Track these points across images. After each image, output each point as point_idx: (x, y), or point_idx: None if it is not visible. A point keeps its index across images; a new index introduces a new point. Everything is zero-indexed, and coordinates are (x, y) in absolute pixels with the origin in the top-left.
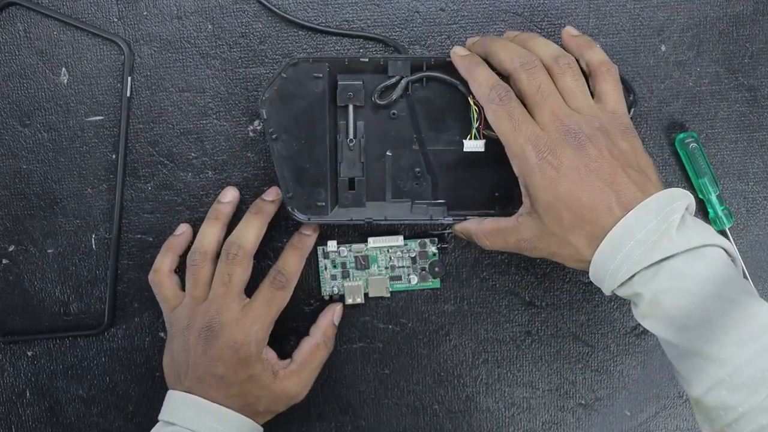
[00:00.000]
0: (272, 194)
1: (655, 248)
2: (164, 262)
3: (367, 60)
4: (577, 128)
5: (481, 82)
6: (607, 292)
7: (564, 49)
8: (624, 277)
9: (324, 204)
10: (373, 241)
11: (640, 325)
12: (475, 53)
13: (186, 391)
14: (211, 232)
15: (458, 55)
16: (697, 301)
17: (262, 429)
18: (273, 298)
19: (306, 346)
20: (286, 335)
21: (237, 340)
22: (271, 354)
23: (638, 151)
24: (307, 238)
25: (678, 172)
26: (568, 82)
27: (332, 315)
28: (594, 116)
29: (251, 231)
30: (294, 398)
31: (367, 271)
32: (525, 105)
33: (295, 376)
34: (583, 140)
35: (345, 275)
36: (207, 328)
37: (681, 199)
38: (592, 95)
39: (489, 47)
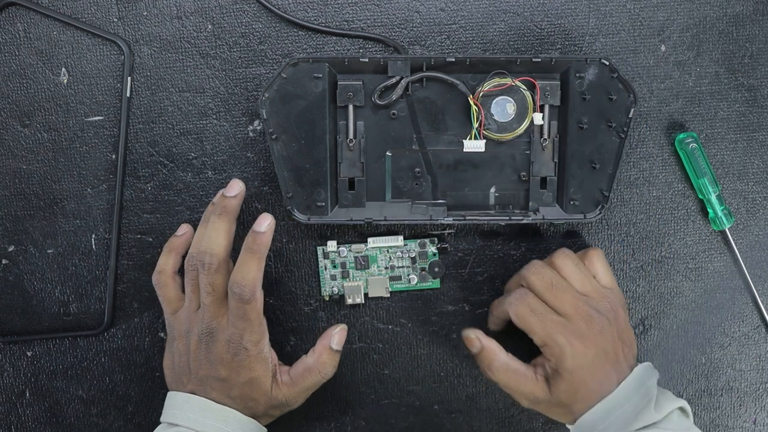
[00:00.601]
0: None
1: (638, 419)
2: (168, 263)
3: (367, 60)
4: (595, 312)
5: (501, 300)
6: None
7: None
8: None
9: (324, 204)
10: (373, 241)
11: (640, 324)
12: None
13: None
14: (219, 232)
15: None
16: None
17: (266, 430)
18: (245, 313)
19: (299, 366)
20: (285, 335)
21: (234, 342)
22: (272, 355)
23: (627, 324)
24: (261, 236)
25: (678, 172)
26: (571, 270)
27: (328, 340)
28: (602, 296)
29: (220, 235)
30: (287, 406)
31: (367, 271)
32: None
33: (287, 389)
34: (606, 322)
35: (345, 275)
36: (207, 333)
37: (653, 375)
38: None
39: (503, 304)
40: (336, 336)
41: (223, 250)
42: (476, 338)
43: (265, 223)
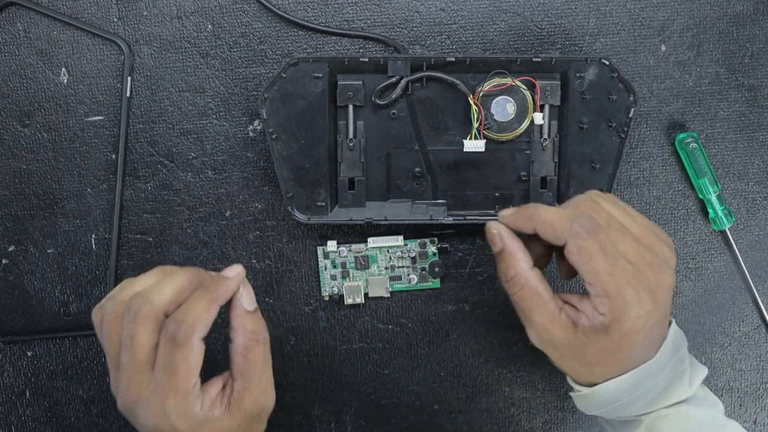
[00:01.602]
0: (232, 271)
1: (669, 393)
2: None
3: (367, 60)
4: (661, 262)
5: (554, 219)
6: (589, 412)
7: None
8: (636, 412)
9: (324, 204)
10: (373, 241)
11: None
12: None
13: None
14: (171, 285)
15: (507, 215)
16: (696, 423)
17: None
18: (172, 362)
19: (234, 357)
20: (286, 335)
21: (152, 425)
22: (210, 394)
23: (672, 284)
24: (225, 281)
25: (678, 172)
26: (617, 210)
27: (238, 301)
28: (658, 237)
29: (169, 286)
30: (263, 411)
31: (367, 271)
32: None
33: (247, 395)
34: (668, 274)
35: (345, 275)
36: (125, 410)
37: (684, 339)
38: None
39: (536, 217)
40: (241, 293)
41: (164, 303)
42: (498, 234)
43: (234, 270)
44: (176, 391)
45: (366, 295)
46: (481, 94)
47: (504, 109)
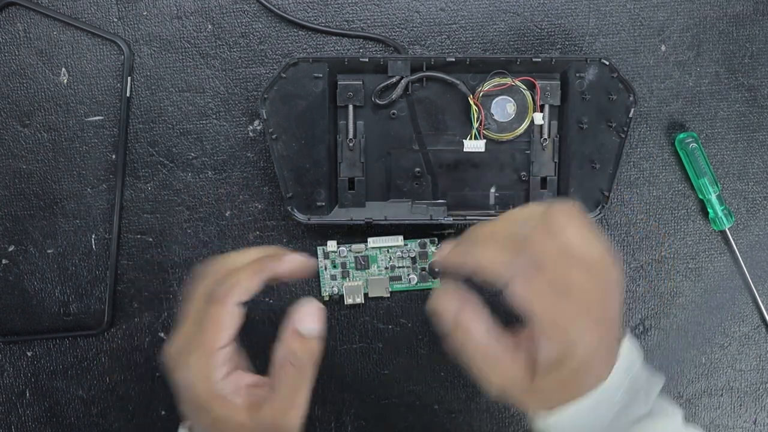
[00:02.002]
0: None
1: (628, 412)
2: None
3: (367, 60)
4: (612, 287)
5: (495, 256)
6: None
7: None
8: None
9: (324, 204)
10: (373, 241)
11: (640, 325)
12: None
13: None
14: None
15: (442, 255)
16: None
17: None
18: (203, 318)
19: (272, 365)
20: None
21: (180, 379)
22: (240, 380)
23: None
24: (276, 260)
25: (678, 172)
26: (572, 234)
27: (295, 318)
28: (608, 269)
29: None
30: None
31: (367, 271)
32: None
33: (268, 406)
34: (618, 299)
35: (345, 275)
36: None
37: (636, 352)
38: None
39: (471, 254)
40: (302, 313)
41: (229, 268)
42: (448, 311)
43: (297, 258)
44: (202, 346)
45: (366, 295)
46: (481, 94)
47: (504, 109)
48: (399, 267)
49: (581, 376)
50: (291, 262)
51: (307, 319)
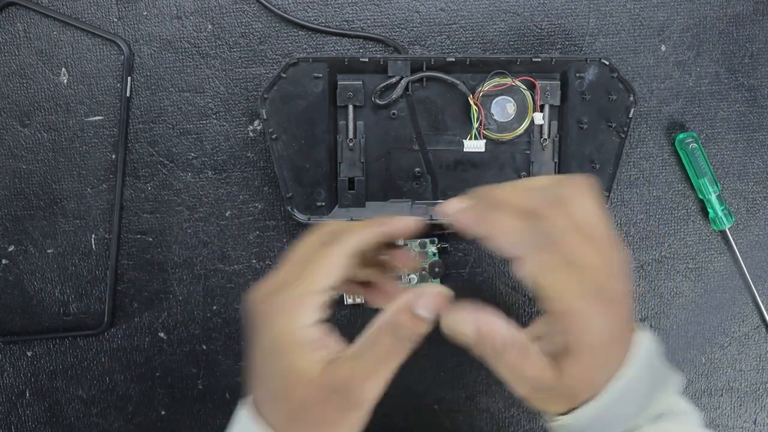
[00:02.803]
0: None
1: (651, 405)
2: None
3: (367, 60)
4: (615, 271)
5: (509, 232)
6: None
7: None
8: (617, 430)
9: (324, 204)
10: None
11: (640, 325)
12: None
13: None
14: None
15: (455, 208)
16: None
17: None
18: (311, 257)
19: (370, 329)
20: None
21: (263, 312)
22: (329, 336)
23: (630, 282)
24: (388, 222)
25: (678, 172)
26: (582, 209)
27: (413, 297)
28: (614, 248)
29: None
30: (352, 398)
31: None
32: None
33: (346, 365)
34: (626, 280)
35: None
36: None
37: (658, 351)
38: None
39: (491, 219)
40: (422, 297)
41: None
42: (468, 327)
43: (404, 221)
44: (301, 285)
45: None
46: (481, 94)
47: (504, 109)
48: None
49: (598, 357)
50: (402, 221)
51: (427, 301)
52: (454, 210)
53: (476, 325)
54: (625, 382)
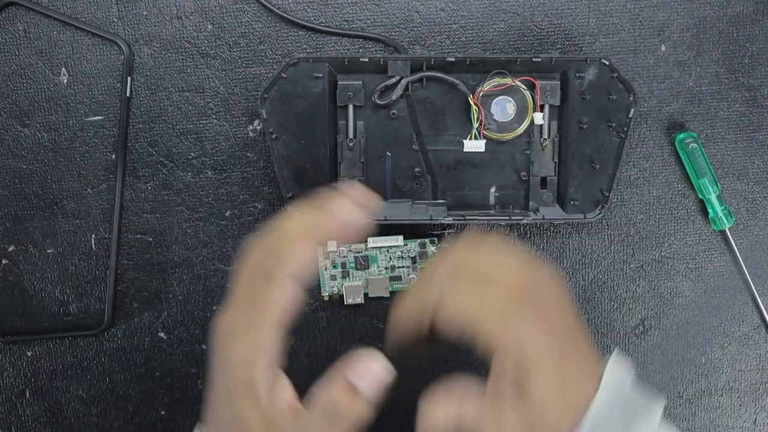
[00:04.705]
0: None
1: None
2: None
3: (367, 60)
4: (540, 280)
5: (415, 295)
6: None
7: None
8: None
9: None
10: (373, 241)
11: (640, 325)
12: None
13: None
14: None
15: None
16: None
17: None
18: (254, 293)
19: (311, 404)
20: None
21: (221, 358)
22: (287, 388)
23: (580, 328)
24: (328, 221)
25: (678, 172)
26: (486, 261)
27: (344, 375)
28: (537, 266)
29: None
30: None
31: (367, 271)
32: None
33: None
34: (551, 285)
35: (345, 275)
36: None
37: (627, 372)
38: None
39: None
40: (366, 370)
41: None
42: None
43: (346, 207)
44: (249, 325)
45: (366, 295)
46: (481, 94)
47: (504, 109)
48: (399, 267)
49: (557, 389)
50: (340, 218)
51: (368, 375)
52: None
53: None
54: (595, 412)
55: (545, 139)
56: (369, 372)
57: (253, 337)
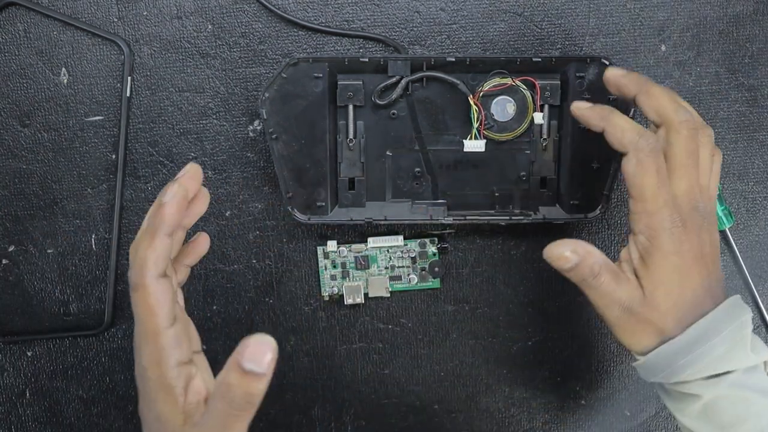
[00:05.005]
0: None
1: (727, 359)
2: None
3: (367, 60)
4: (702, 210)
5: (625, 127)
6: (651, 379)
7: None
8: (690, 377)
9: (324, 204)
10: (373, 241)
11: None
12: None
13: None
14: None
15: (583, 107)
16: (755, 411)
17: None
18: (134, 307)
19: (211, 393)
20: (285, 335)
21: (136, 360)
22: (194, 385)
23: (718, 247)
24: (157, 213)
25: None
26: (706, 156)
27: (238, 354)
28: (711, 200)
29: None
30: None
31: (367, 271)
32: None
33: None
34: (703, 224)
35: (345, 275)
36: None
37: (748, 312)
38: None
39: (646, 87)
40: (250, 348)
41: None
42: (572, 253)
43: (170, 191)
44: (145, 334)
45: (366, 295)
46: (481, 94)
47: (504, 109)
48: (399, 267)
49: (675, 269)
50: (172, 204)
51: (256, 355)
52: (581, 108)
53: (576, 248)
54: (710, 321)
55: (545, 139)
56: (258, 353)
57: (152, 343)
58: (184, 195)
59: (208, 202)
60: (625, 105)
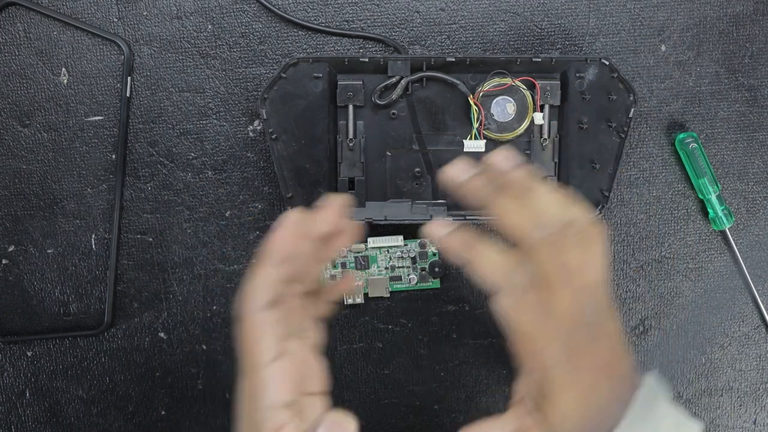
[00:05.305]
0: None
1: None
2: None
3: (367, 60)
4: (592, 317)
5: (496, 261)
6: None
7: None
8: None
9: None
10: (373, 241)
11: (640, 325)
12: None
13: None
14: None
15: (442, 233)
16: None
17: None
18: (238, 338)
19: None
20: None
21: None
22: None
23: (619, 334)
24: (270, 244)
25: (678, 172)
26: (577, 257)
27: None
28: (598, 294)
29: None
30: None
31: (367, 271)
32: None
33: None
34: (598, 333)
35: (345, 275)
36: None
37: (662, 400)
38: None
39: (492, 203)
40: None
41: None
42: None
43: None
44: (244, 367)
45: (366, 295)
46: (481, 94)
47: (504, 109)
48: (399, 267)
49: (576, 401)
50: (281, 237)
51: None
52: (440, 234)
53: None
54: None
55: (545, 139)
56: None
57: (249, 377)
58: (297, 225)
59: (356, 238)
60: (625, 106)
